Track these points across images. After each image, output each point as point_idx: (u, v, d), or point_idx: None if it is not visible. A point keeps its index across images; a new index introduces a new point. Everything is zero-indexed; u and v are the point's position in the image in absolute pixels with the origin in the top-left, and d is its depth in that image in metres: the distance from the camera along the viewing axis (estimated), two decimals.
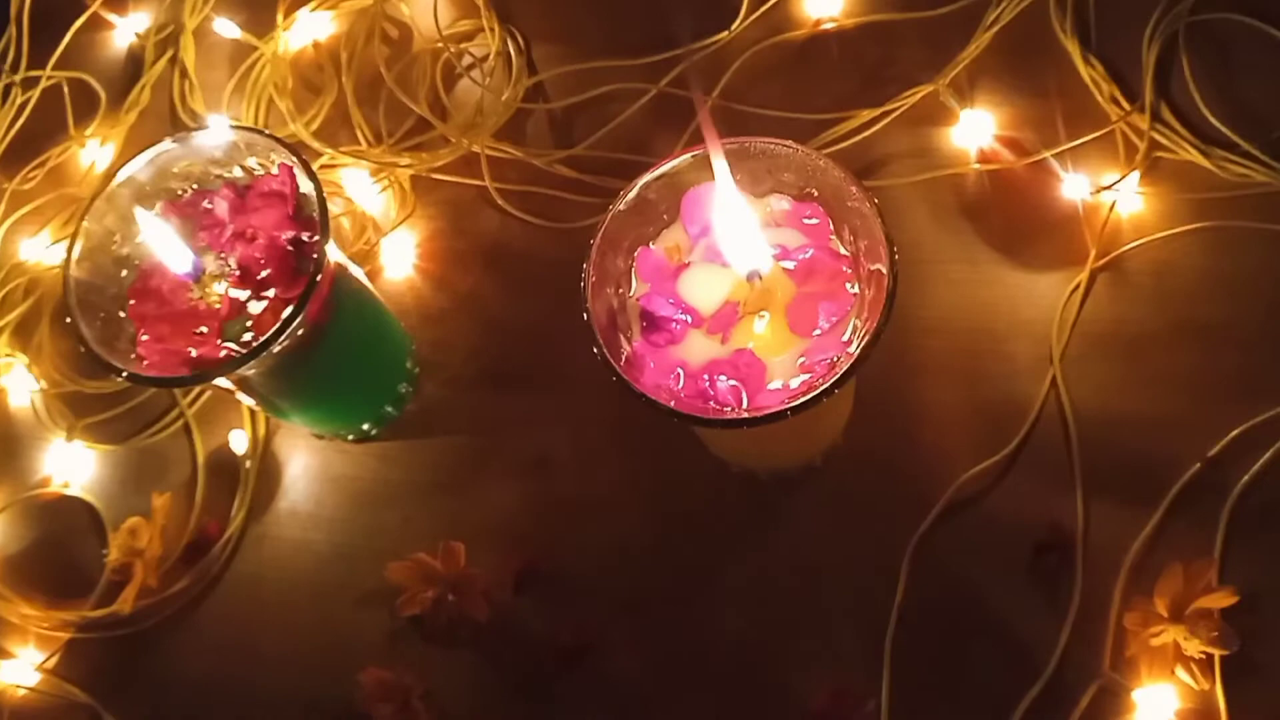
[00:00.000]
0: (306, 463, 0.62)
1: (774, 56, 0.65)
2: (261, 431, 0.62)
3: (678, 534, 0.56)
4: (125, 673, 0.59)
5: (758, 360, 0.44)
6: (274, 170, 0.51)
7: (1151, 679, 0.49)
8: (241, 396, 0.55)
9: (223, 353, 0.49)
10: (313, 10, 0.70)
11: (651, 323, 0.45)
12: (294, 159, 0.49)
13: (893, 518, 0.54)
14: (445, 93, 0.68)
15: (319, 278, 0.47)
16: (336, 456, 0.61)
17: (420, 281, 0.64)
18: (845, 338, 0.44)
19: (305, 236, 0.50)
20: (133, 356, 0.49)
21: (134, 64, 0.74)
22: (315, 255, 0.48)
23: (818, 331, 0.44)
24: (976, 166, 0.60)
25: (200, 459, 0.62)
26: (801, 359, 0.44)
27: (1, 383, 0.66)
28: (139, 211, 0.48)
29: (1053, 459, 0.54)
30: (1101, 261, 0.57)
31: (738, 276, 0.45)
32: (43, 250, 0.69)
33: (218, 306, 0.49)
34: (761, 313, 0.45)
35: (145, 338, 0.49)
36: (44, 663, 0.60)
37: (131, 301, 0.51)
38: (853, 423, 0.55)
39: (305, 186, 0.49)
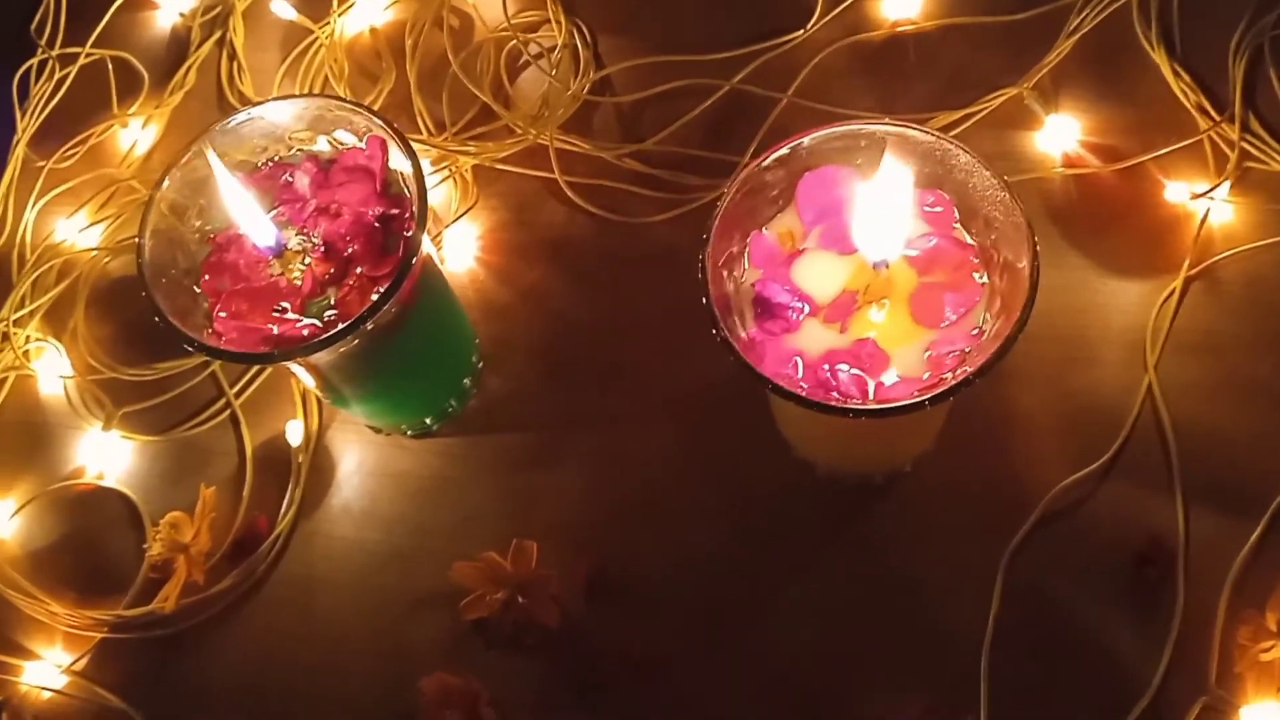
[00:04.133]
0: (362, 458, 0.59)
1: (851, 56, 0.64)
2: (315, 424, 0.59)
3: (755, 539, 0.54)
4: (161, 677, 0.56)
5: (880, 351, 0.42)
6: (361, 144, 0.48)
7: (1259, 696, 0.47)
8: (304, 377, 0.52)
9: (305, 331, 0.46)
10: None
11: (767, 309, 0.43)
12: (387, 130, 0.46)
13: (985, 527, 0.52)
14: (509, 83, 0.66)
15: (415, 257, 0.45)
16: (394, 452, 0.59)
17: (483, 274, 0.62)
18: (974, 330, 0.42)
19: (394, 212, 0.47)
20: (208, 333, 0.46)
21: (178, 45, 0.72)
22: (409, 232, 0.46)
23: (945, 324, 0.42)
24: (1062, 170, 0.59)
25: (249, 451, 0.59)
26: (928, 351, 0.42)
27: (32, 367, 0.63)
28: (221, 173, 0.45)
29: (1150, 469, 0.52)
30: (1195, 270, 0.56)
31: (854, 265, 0.44)
32: (79, 232, 0.65)
33: (299, 283, 0.47)
34: (882, 302, 0.43)
35: (223, 314, 0.46)
36: (72, 664, 0.56)
37: (206, 277, 0.48)
38: (942, 428, 0.54)
39: (396, 161, 0.47)
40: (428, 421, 0.58)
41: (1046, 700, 0.49)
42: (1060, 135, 0.59)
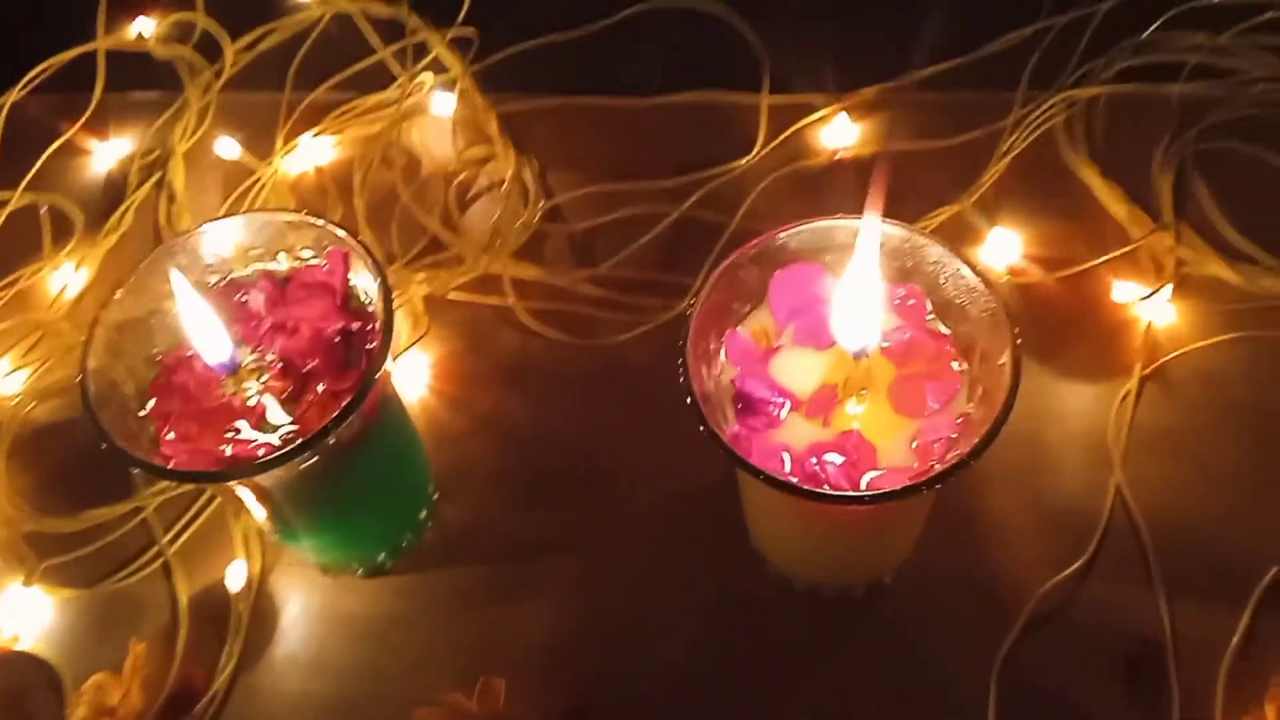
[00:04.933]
0: (308, 602, 0.55)
1: (795, 181, 0.65)
2: (257, 568, 0.55)
3: (743, 660, 0.51)
4: None
5: (866, 442, 0.41)
6: (319, 261, 0.47)
7: None
8: (254, 507, 0.49)
9: (261, 451, 0.43)
10: (315, 135, 0.68)
11: (748, 405, 0.42)
12: (349, 240, 0.45)
13: (972, 636, 0.51)
14: (459, 215, 0.66)
15: (381, 367, 0.43)
16: (344, 594, 0.55)
17: (435, 403, 0.60)
18: (958, 418, 0.42)
19: (356, 326, 0.46)
20: (155, 458, 0.43)
21: (114, 189, 0.70)
22: (372, 344, 0.44)
23: (928, 413, 0.42)
24: (1009, 279, 0.60)
25: (183, 602, 0.55)
26: (915, 441, 0.41)
27: None
28: (177, 282, 0.43)
29: (1129, 566, 0.52)
30: (1147, 371, 0.57)
31: (831, 359, 0.43)
32: (1, 378, 0.62)
33: (253, 404, 0.44)
34: (862, 394, 0.42)
35: (171, 436, 0.44)
36: None
37: (153, 401, 0.45)
38: (917, 545, 0.52)
39: (357, 277, 0.46)
40: (381, 559, 0.54)
41: None
42: (1003, 248, 0.61)
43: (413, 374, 0.60)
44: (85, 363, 0.43)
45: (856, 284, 0.40)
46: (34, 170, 0.69)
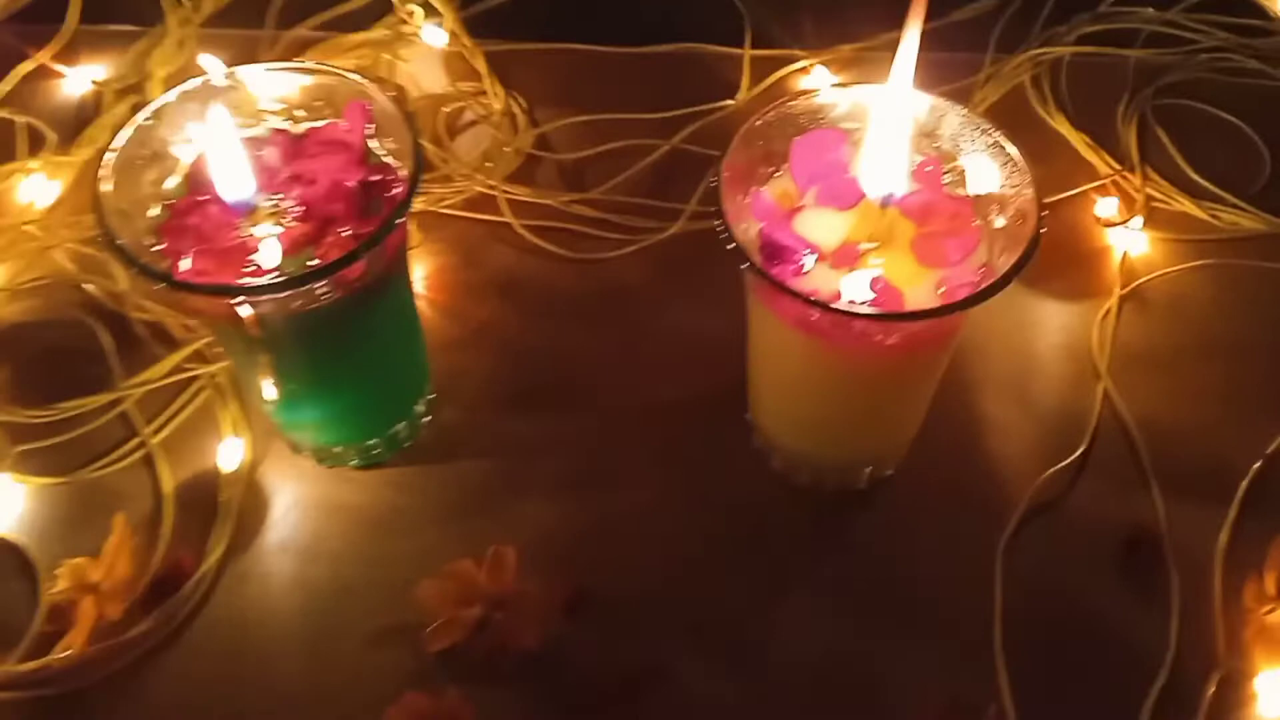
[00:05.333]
0: (301, 493, 0.53)
1: None
2: (247, 458, 0.54)
3: (744, 551, 0.51)
4: None
5: (893, 288, 0.42)
6: (336, 120, 0.47)
7: (1269, 663, 0.47)
8: (260, 375, 0.47)
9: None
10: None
11: (775, 253, 0.43)
12: (371, 87, 0.45)
13: (974, 524, 0.52)
14: (449, 141, 0.66)
15: (409, 203, 0.43)
16: (339, 485, 0.53)
17: (429, 312, 0.59)
18: (980, 267, 0.43)
19: (377, 178, 0.45)
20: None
21: (86, 111, 0.69)
22: (396, 190, 0.44)
23: (950, 265, 0.43)
24: None
25: (167, 489, 0.53)
26: (941, 288, 0.43)
27: None
28: (210, 115, 0.42)
29: (1120, 463, 0.54)
30: (1125, 290, 0.59)
31: (855, 218, 0.44)
32: None
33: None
34: (885, 249, 0.44)
35: (186, 266, 0.42)
36: None
37: (164, 242, 0.44)
38: (917, 439, 0.53)
39: (381, 112, 0.45)
40: (376, 447, 0.53)
41: (1064, 686, 0.47)
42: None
43: None
44: (98, 188, 0.42)
45: (884, 132, 0.42)
46: (5, 87, 0.67)
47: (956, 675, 0.47)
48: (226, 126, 0.43)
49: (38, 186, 0.64)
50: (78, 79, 0.70)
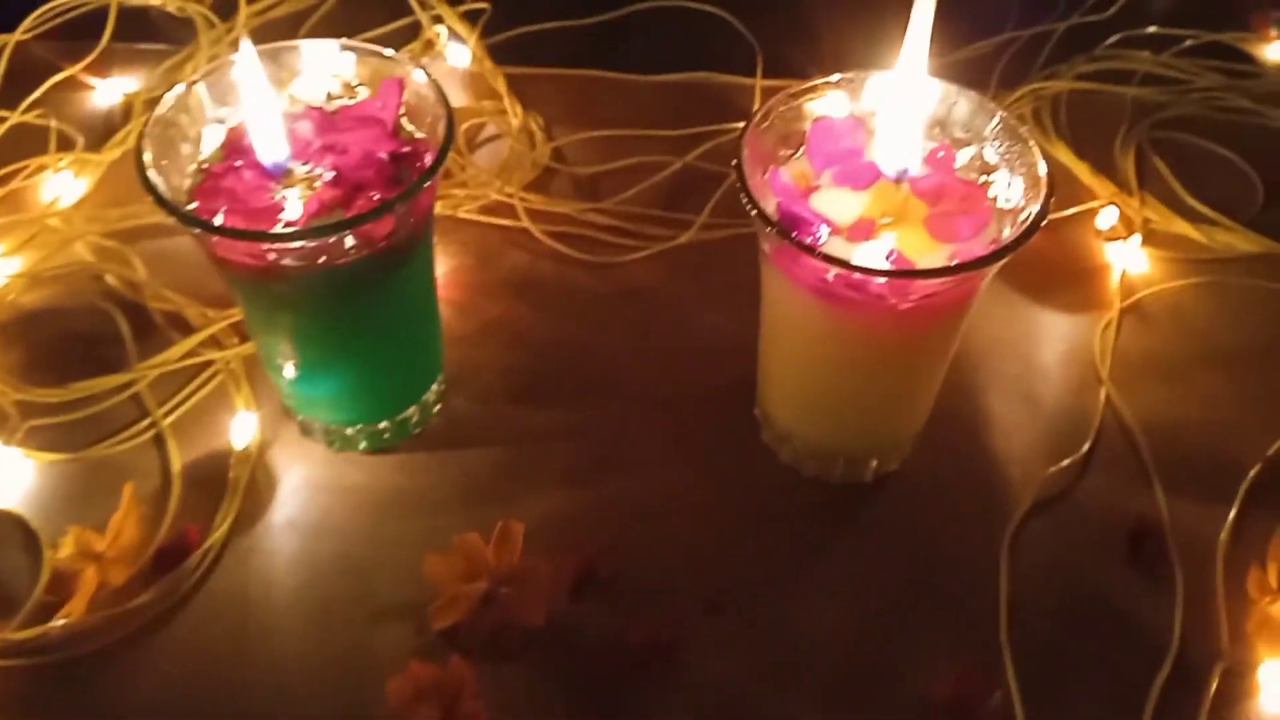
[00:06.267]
0: (309, 474, 0.53)
1: None
2: (255, 441, 0.54)
3: (752, 537, 0.51)
4: (57, 706, 0.46)
5: (906, 259, 0.43)
6: (368, 95, 0.48)
7: (1272, 653, 0.47)
8: (277, 345, 0.48)
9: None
10: None
11: (792, 225, 0.44)
12: (406, 64, 0.47)
13: (979, 517, 0.52)
14: (468, 153, 0.68)
15: (438, 169, 0.44)
16: (347, 468, 0.54)
17: (446, 309, 0.59)
18: (991, 242, 0.45)
19: (407, 150, 0.47)
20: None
21: (115, 120, 0.70)
22: (428, 152, 0.45)
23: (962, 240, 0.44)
24: None
25: (175, 468, 0.53)
26: (955, 260, 0.44)
27: None
28: (241, 77, 0.44)
29: (1123, 460, 0.54)
30: (1125, 304, 0.60)
31: (870, 196, 0.46)
32: None
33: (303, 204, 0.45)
34: (897, 226, 0.45)
35: (219, 222, 0.44)
36: None
37: (196, 202, 0.45)
38: (923, 436, 0.54)
39: (415, 94, 0.47)
40: (385, 434, 0.53)
41: (1070, 672, 0.47)
42: None
43: None
44: (141, 144, 0.43)
45: (897, 110, 0.43)
46: (36, 94, 0.69)
47: (963, 657, 0.47)
48: (262, 94, 0.45)
49: (64, 183, 0.65)
50: (108, 90, 0.72)
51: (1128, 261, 0.62)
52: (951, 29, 0.75)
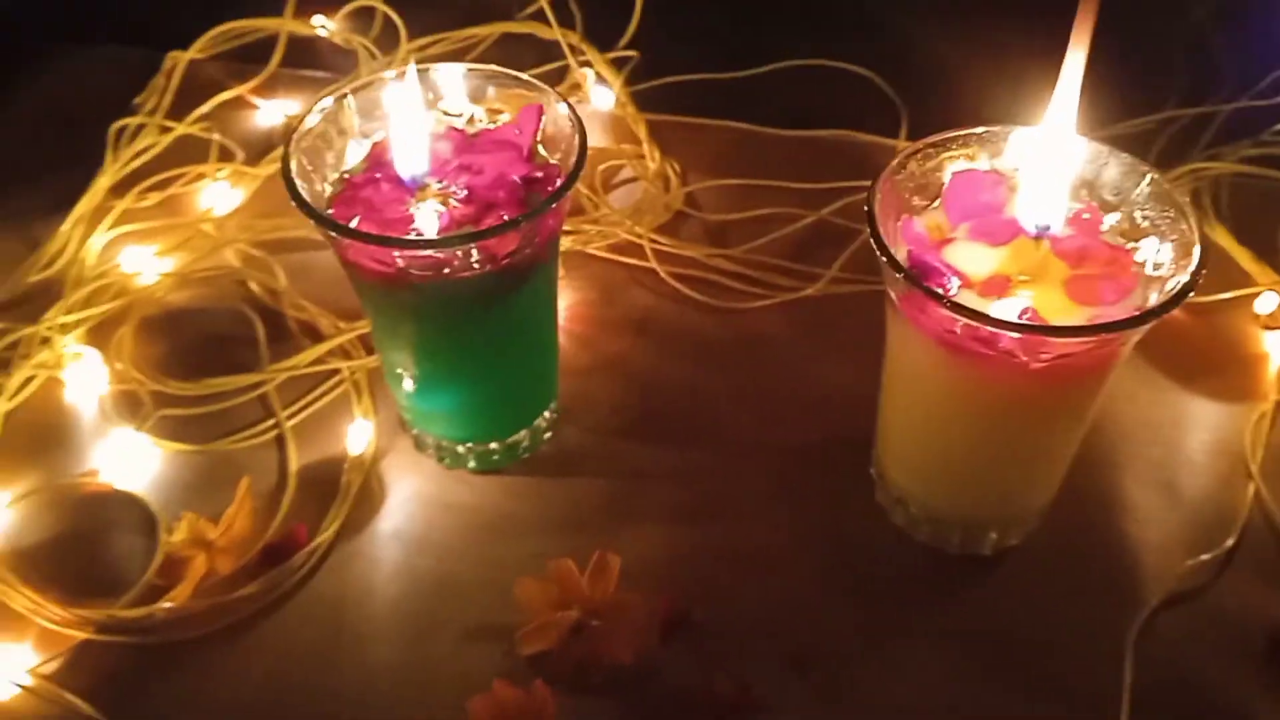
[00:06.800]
0: (419, 487, 0.54)
1: None
2: (371, 450, 0.55)
3: (855, 596, 0.50)
4: (150, 689, 0.47)
5: (1041, 319, 0.42)
6: (508, 119, 0.49)
7: None
8: (398, 355, 0.49)
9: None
10: None
11: (922, 275, 0.43)
12: (550, 94, 0.48)
13: (1105, 605, 0.49)
14: (604, 193, 0.68)
15: (568, 190, 0.44)
16: (455, 485, 0.54)
17: (565, 340, 0.60)
18: (1135, 309, 0.42)
19: (539, 175, 0.47)
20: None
21: (274, 138, 0.74)
22: (559, 178, 0.46)
23: (1104, 305, 0.42)
24: None
25: (292, 468, 0.54)
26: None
27: (62, 376, 0.58)
28: (389, 95, 0.45)
29: (1270, 563, 0.50)
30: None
31: (1007, 253, 0.44)
32: (145, 259, 0.63)
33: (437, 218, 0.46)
34: (1034, 285, 0.43)
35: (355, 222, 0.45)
36: (40, 665, 0.47)
37: (332, 210, 0.46)
38: (1050, 512, 0.51)
39: (553, 122, 0.48)
40: (495, 455, 0.54)
41: None
42: None
43: None
44: (288, 148, 0.45)
45: (1041, 166, 0.42)
46: (204, 108, 0.72)
47: None
48: (407, 110, 0.46)
49: (220, 192, 0.68)
50: (271, 111, 0.75)
51: None
52: (1109, 102, 0.74)
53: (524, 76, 0.49)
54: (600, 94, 0.73)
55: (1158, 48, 0.77)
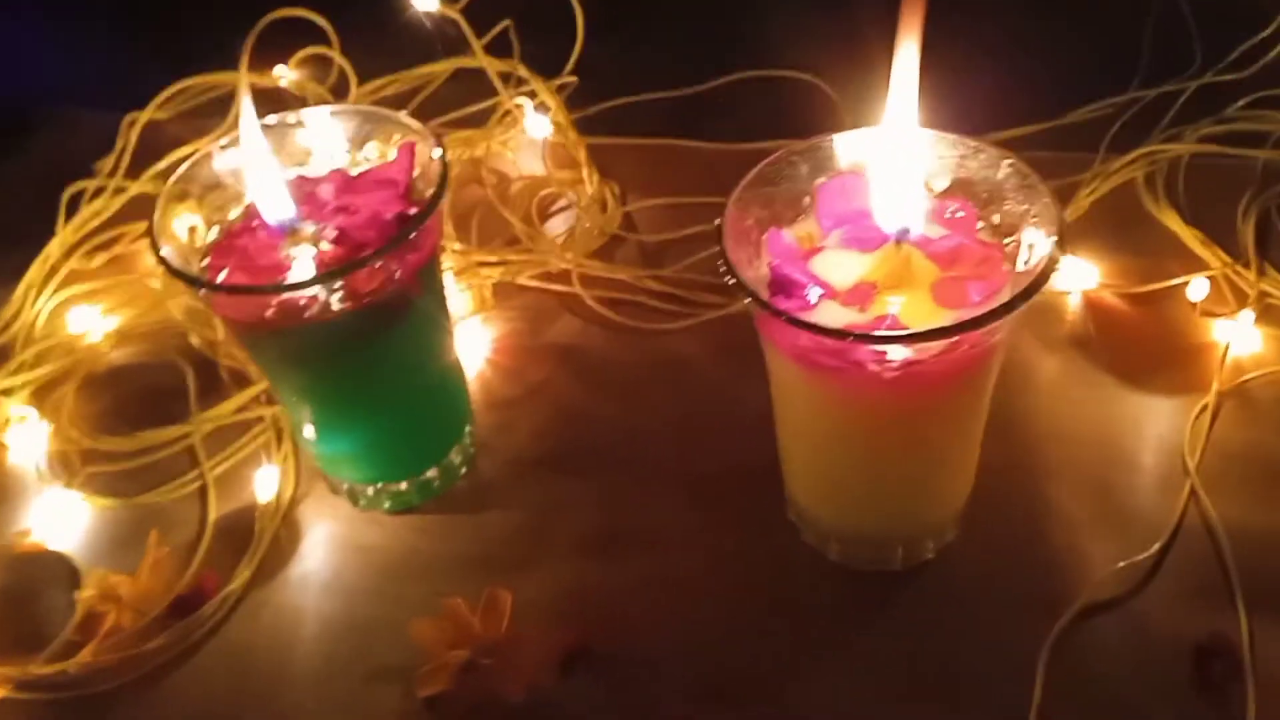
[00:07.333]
0: (332, 531, 0.54)
1: None
2: (288, 495, 0.55)
3: (762, 621, 0.48)
4: None
5: (902, 326, 0.40)
6: (391, 156, 0.50)
7: None
8: (296, 401, 0.49)
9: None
10: None
11: (782, 287, 0.42)
12: (420, 129, 0.48)
13: (1020, 615, 0.47)
14: (539, 222, 0.68)
15: (427, 217, 0.44)
16: (368, 526, 0.54)
17: (490, 373, 0.60)
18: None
19: (412, 212, 0.47)
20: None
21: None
22: (424, 202, 0.46)
23: (969, 307, 0.40)
24: (1092, 291, 0.59)
25: (211, 517, 0.55)
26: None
27: (4, 439, 0.60)
28: (247, 134, 0.46)
29: (1201, 567, 0.47)
30: (1226, 388, 0.54)
31: (874, 259, 0.42)
32: (92, 319, 0.65)
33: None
34: (899, 293, 0.41)
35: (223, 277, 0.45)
36: None
37: (208, 259, 0.47)
38: (968, 517, 0.49)
39: (425, 159, 0.48)
40: (406, 494, 0.54)
41: None
42: (1080, 276, 0.60)
43: (474, 348, 0.61)
44: (154, 209, 0.46)
45: (888, 167, 0.40)
46: (159, 165, 0.74)
47: None
48: (270, 157, 0.46)
49: None
50: (230, 162, 0.76)
51: (1236, 340, 0.55)
52: (1066, 89, 0.71)
53: (394, 115, 0.49)
54: (536, 122, 0.73)
55: (1121, 28, 0.74)
